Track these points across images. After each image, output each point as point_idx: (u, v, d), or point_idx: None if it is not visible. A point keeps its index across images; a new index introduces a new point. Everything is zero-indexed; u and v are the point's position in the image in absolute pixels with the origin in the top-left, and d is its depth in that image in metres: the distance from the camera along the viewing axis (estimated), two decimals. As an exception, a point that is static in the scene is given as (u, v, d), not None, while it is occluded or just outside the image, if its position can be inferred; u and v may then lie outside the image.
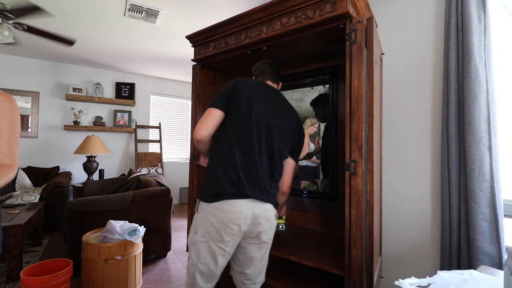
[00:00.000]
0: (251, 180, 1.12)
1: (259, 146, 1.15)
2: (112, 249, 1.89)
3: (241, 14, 1.39)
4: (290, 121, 1.25)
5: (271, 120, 1.18)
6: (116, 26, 2.82)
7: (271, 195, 1.18)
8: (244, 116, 1.16)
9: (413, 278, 0.83)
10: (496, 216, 1.24)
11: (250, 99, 1.18)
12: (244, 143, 1.14)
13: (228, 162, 1.13)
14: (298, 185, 1.84)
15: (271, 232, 1.21)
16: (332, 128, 1.67)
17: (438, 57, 1.56)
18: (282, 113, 1.23)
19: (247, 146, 1.14)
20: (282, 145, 1.20)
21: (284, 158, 1.25)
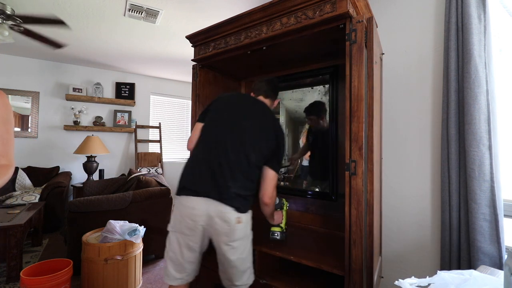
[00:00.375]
0: (208, 179, 1.18)
1: (223, 148, 1.21)
2: (112, 249, 1.89)
3: (241, 14, 1.39)
4: (265, 130, 1.26)
5: (239, 126, 1.24)
6: (116, 26, 2.82)
7: (233, 197, 1.16)
8: (212, 120, 1.29)
9: (413, 278, 0.83)
10: (496, 216, 1.24)
11: (221, 107, 1.32)
12: (208, 143, 1.25)
13: (192, 161, 1.25)
14: (298, 185, 1.84)
15: (235, 235, 1.16)
16: (332, 128, 1.67)
17: (438, 57, 1.56)
18: (255, 121, 1.27)
19: (210, 146, 1.23)
20: (252, 151, 1.21)
21: (258, 164, 1.24)
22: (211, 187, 1.17)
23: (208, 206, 1.16)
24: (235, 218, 1.16)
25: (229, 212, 1.15)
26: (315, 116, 1.78)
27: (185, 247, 1.21)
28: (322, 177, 1.74)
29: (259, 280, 1.37)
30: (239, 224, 1.17)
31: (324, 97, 1.73)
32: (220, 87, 1.89)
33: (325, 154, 1.69)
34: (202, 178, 1.19)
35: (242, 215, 1.18)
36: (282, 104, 1.94)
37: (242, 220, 1.18)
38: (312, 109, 1.79)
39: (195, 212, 1.17)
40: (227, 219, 1.15)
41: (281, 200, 1.54)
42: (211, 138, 1.26)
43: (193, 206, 1.17)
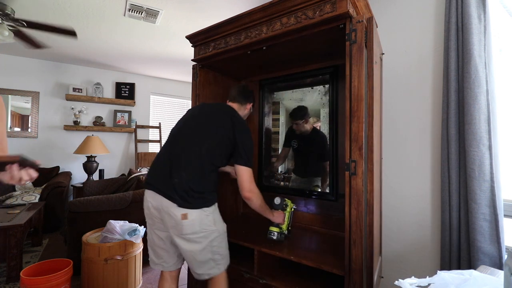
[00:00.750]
0: (160, 174, 1.29)
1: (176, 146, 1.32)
2: (112, 249, 1.89)
3: (241, 14, 1.39)
4: (221, 131, 1.33)
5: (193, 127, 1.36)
6: (116, 26, 2.82)
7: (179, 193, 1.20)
8: (175, 125, 1.44)
9: (413, 278, 0.83)
10: (496, 216, 1.24)
11: (186, 115, 1.46)
12: (166, 143, 1.38)
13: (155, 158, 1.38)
14: (298, 185, 1.84)
15: (183, 230, 1.20)
16: (332, 128, 1.67)
17: (438, 57, 1.56)
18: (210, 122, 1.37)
19: (166, 146, 1.37)
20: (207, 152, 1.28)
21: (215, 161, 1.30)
22: (160, 182, 1.27)
23: (157, 200, 1.26)
24: (180, 214, 1.20)
25: (172, 207, 1.21)
26: (301, 120, 1.81)
27: (154, 234, 1.34)
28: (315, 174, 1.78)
29: (259, 280, 1.37)
30: (185, 220, 1.20)
31: (324, 97, 1.73)
32: (220, 87, 1.89)
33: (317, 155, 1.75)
34: (156, 173, 1.32)
35: (190, 211, 1.21)
36: (282, 104, 1.94)
37: (189, 217, 1.20)
38: (298, 114, 1.83)
39: (148, 204, 1.30)
40: (172, 214, 1.21)
41: (283, 200, 1.53)
42: (169, 139, 1.39)
43: (147, 199, 1.31)
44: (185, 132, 1.37)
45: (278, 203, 1.52)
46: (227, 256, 1.35)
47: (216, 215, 1.31)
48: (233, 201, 2.01)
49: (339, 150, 1.64)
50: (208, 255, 1.26)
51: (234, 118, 1.38)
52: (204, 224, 1.24)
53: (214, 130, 1.34)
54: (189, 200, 1.21)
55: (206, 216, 1.25)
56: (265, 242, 1.43)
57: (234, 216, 1.99)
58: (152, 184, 1.29)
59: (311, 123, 1.79)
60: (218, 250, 1.29)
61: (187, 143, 1.32)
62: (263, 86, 1.99)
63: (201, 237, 1.24)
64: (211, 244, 1.26)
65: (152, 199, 1.28)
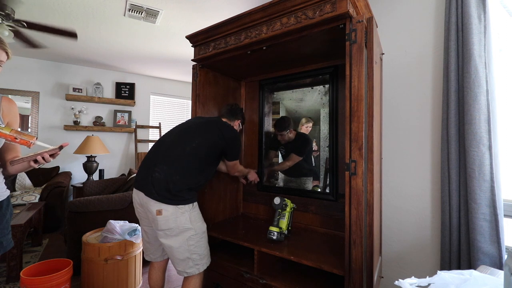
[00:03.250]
0: (144, 172, 1.37)
1: (164, 148, 1.40)
2: (112, 249, 1.89)
3: (241, 14, 1.39)
4: (208, 135, 1.44)
5: (182, 131, 1.46)
6: (116, 26, 2.82)
7: (157, 188, 1.27)
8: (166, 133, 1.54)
9: (413, 278, 0.83)
10: (496, 216, 1.24)
11: (176, 126, 1.55)
12: (154, 147, 1.47)
13: (142, 160, 1.46)
14: (298, 185, 1.84)
15: (158, 226, 1.28)
16: (332, 128, 1.68)
17: (438, 57, 1.56)
18: (199, 129, 1.47)
19: (154, 148, 1.45)
20: (192, 151, 1.37)
21: (200, 164, 1.39)
22: (142, 179, 1.35)
23: (140, 197, 1.34)
24: (155, 210, 1.27)
25: (149, 202, 1.29)
26: (285, 131, 1.86)
27: (142, 229, 1.47)
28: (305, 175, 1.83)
29: (259, 280, 1.37)
30: (159, 216, 1.27)
31: (324, 97, 1.73)
32: (220, 87, 1.89)
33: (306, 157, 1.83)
34: (140, 171, 1.41)
35: (165, 207, 1.27)
36: (282, 104, 1.94)
37: (163, 213, 1.27)
38: (283, 125, 1.88)
39: (134, 201, 1.41)
40: (150, 210, 1.30)
41: (283, 200, 1.53)
42: (157, 142, 1.50)
43: (134, 197, 1.41)
44: (173, 135, 1.47)
45: (277, 203, 1.52)
46: (207, 257, 1.39)
47: (193, 213, 1.35)
48: (233, 201, 2.01)
49: (339, 150, 1.64)
50: (186, 253, 1.30)
51: (220, 123, 1.51)
52: (179, 221, 1.29)
53: (202, 133, 1.44)
54: (165, 195, 1.27)
55: (181, 213, 1.30)
56: (265, 242, 1.43)
57: (234, 216, 1.99)
58: (137, 181, 1.39)
59: (305, 126, 1.82)
60: (195, 249, 1.32)
61: (173, 143, 1.41)
62: (263, 86, 1.99)
63: (177, 234, 1.29)
64: (188, 243, 1.30)
65: (137, 196, 1.37)
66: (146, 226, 1.44)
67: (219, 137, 1.44)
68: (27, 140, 1.06)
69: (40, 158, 1.10)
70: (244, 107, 2.10)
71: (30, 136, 1.08)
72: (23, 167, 1.17)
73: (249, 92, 2.08)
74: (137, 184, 1.38)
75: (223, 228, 1.71)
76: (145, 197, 1.30)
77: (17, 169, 1.18)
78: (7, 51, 1.13)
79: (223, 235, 1.56)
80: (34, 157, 1.10)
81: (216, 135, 1.45)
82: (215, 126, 1.49)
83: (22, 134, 1.06)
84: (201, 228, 1.38)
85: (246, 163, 2.06)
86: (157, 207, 1.27)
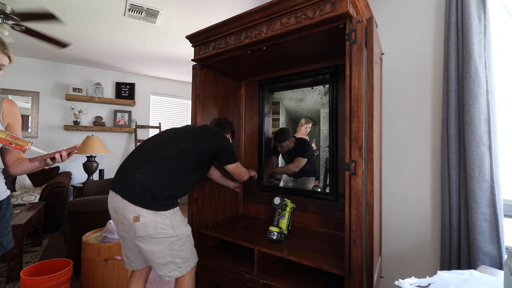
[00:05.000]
0: (123, 174, 1.29)
1: (147, 150, 1.34)
2: (112, 249, 1.89)
3: (241, 14, 1.39)
4: (196, 140, 1.41)
5: (169, 137, 1.40)
6: (116, 26, 2.82)
7: (138, 191, 1.21)
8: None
9: (413, 278, 0.83)
10: (496, 216, 1.24)
11: (161, 132, 1.49)
12: (135, 150, 1.40)
13: (121, 163, 1.38)
14: (298, 185, 1.84)
15: (136, 233, 1.20)
16: (332, 128, 1.67)
17: (438, 57, 1.56)
18: (188, 134, 1.44)
19: (135, 151, 1.38)
20: (178, 154, 1.32)
21: (186, 168, 1.34)
22: (121, 181, 1.27)
23: (114, 201, 1.26)
24: (132, 217, 1.19)
25: (127, 207, 1.20)
26: (285, 142, 1.87)
27: (119, 235, 1.38)
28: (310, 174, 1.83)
29: (259, 280, 1.37)
30: (137, 223, 1.19)
31: (324, 97, 1.73)
32: (220, 87, 1.89)
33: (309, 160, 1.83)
34: (119, 173, 1.33)
35: (143, 212, 1.19)
36: (282, 104, 1.94)
37: (141, 219, 1.19)
38: (282, 137, 1.89)
39: (109, 205, 1.31)
40: (126, 216, 1.20)
41: (283, 200, 1.53)
42: (139, 145, 1.42)
43: (108, 200, 1.32)
44: (158, 139, 1.41)
45: (277, 203, 1.52)
46: (191, 259, 1.35)
47: (175, 219, 1.29)
48: (233, 201, 2.01)
49: (339, 150, 1.64)
50: (168, 258, 1.25)
51: (210, 130, 1.50)
52: (159, 228, 1.22)
53: (190, 138, 1.40)
54: (145, 199, 1.20)
55: (161, 219, 1.23)
56: (265, 242, 1.43)
57: (234, 216, 1.99)
58: (114, 184, 1.29)
59: (305, 126, 1.83)
60: (178, 253, 1.28)
61: (159, 146, 1.34)
62: (263, 86, 1.99)
63: (158, 240, 1.23)
64: (170, 248, 1.25)
65: (111, 200, 1.28)
66: (123, 232, 1.32)
67: (208, 143, 1.41)
68: (22, 145, 1.07)
69: (58, 156, 1.11)
70: (244, 107, 2.10)
71: (25, 141, 1.08)
72: (32, 167, 1.17)
73: (249, 92, 2.08)
74: (114, 187, 1.27)
75: (223, 228, 1.71)
76: (121, 201, 1.21)
77: (25, 169, 1.18)
78: (9, 55, 1.14)
79: (223, 235, 1.56)
80: (52, 155, 1.11)
81: (205, 140, 1.42)
82: (205, 132, 1.47)
83: (17, 139, 1.06)
84: (184, 232, 1.32)
85: (246, 163, 2.06)
86: (134, 213, 1.19)
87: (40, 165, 1.16)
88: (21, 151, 1.08)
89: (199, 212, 1.70)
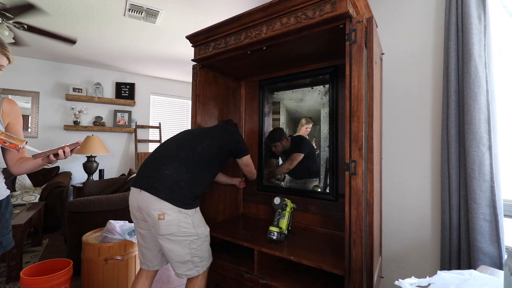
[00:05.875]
0: (149, 170, 1.31)
1: (173, 148, 1.37)
2: (112, 249, 1.89)
3: (241, 14, 1.39)
4: (215, 137, 1.46)
5: (191, 136, 1.45)
6: (116, 26, 2.82)
7: (168, 186, 1.23)
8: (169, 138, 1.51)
9: (413, 278, 0.83)
10: (496, 216, 1.24)
11: (179, 133, 1.52)
12: (159, 148, 1.43)
13: (145, 159, 1.40)
14: (298, 185, 1.84)
15: (159, 231, 1.22)
16: (332, 128, 1.67)
17: (438, 57, 1.56)
18: (207, 132, 1.50)
19: (160, 149, 1.42)
20: (202, 151, 1.37)
21: (209, 164, 1.39)
22: (147, 177, 1.29)
23: (138, 199, 1.26)
24: (157, 215, 1.20)
25: (152, 204, 1.21)
26: (279, 142, 1.88)
27: (138, 233, 1.37)
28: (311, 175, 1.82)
29: (259, 280, 1.37)
30: (161, 221, 1.21)
31: (324, 97, 1.73)
32: (220, 87, 1.89)
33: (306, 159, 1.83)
34: (144, 169, 1.34)
35: (170, 209, 1.21)
36: (282, 104, 1.94)
37: (166, 217, 1.21)
38: (275, 136, 1.90)
39: (131, 203, 1.32)
40: (150, 214, 1.22)
41: (283, 200, 1.53)
42: (163, 143, 1.45)
43: (131, 198, 1.32)
44: (181, 138, 1.46)
45: (277, 203, 1.52)
46: (208, 258, 1.37)
47: (196, 218, 1.31)
48: (233, 201, 2.01)
49: (339, 150, 1.64)
50: (187, 256, 1.28)
51: (224, 126, 1.58)
52: (181, 227, 1.25)
53: (210, 136, 1.46)
54: (173, 193, 1.23)
55: (184, 218, 1.26)
56: (265, 242, 1.43)
57: (234, 216, 1.99)
58: (138, 180, 1.31)
59: (305, 126, 1.83)
60: (197, 253, 1.30)
61: (183, 145, 1.39)
62: (263, 86, 1.99)
63: (179, 239, 1.25)
64: (190, 247, 1.28)
65: (135, 197, 1.29)
66: (143, 230, 1.34)
67: (228, 138, 1.49)
68: (16, 144, 1.06)
69: (61, 152, 1.11)
70: (244, 107, 2.10)
71: (20, 140, 1.08)
72: (34, 165, 1.17)
73: (249, 92, 2.08)
74: (137, 183, 1.29)
75: (223, 228, 1.71)
76: (147, 197, 1.22)
77: (27, 168, 1.18)
78: (8, 56, 1.14)
79: (223, 235, 1.56)
80: (55, 151, 1.10)
81: (224, 136, 1.50)
82: (221, 130, 1.55)
83: (12, 138, 1.06)
84: (204, 232, 1.35)
85: (246, 163, 2.06)
86: (159, 210, 1.20)
87: (43, 163, 1.16)
88: (15, 150, 1.07)
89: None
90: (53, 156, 1.12)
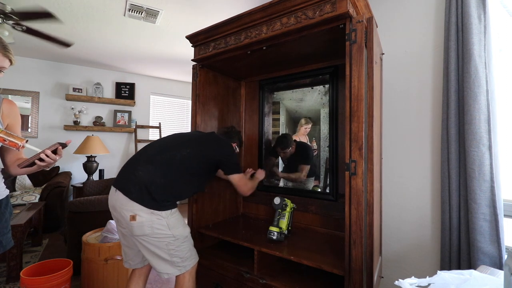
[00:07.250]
0: (126, 171, 1.31)
1: (153, 151, 1.36)
2: (112, 249, 1.89)
3: (241, 14, 1.39)
4: (203, 147, 1.42)
5: (176, 141, 1.43)
6: (116, 26, 2.82)
7: (138, 188, 1.22)
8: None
9: (413, 278, 0.83)
10: (496, 216, 1.24)
11: (170, 135, 1.50)
12: (141, 150, 1.41)
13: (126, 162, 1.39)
14: (298, 185, 1.84)
15: (132, 230, 1.21)
16: (332, 128, 1.67)
17: (438, 57, 1.56)
18: (195, 140, 1.46)
19: (141, 151, 1.40)
20: (182, 159, 1.33)
21: (189, 174, 1.35)
22: (123, 178, 1.29)
23: (113, 198, 1.27)
24: (129, 215, 1.20)
25: (124, 204, 1.21)
26: (289, 149, 1.87)
27: (119, 232, 1.37)
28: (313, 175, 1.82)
29: (259, 280, 1.37)
30: (133, 222, 1.20)
31: (324, 97, 1.73)
32: (220, 87, 1.89)
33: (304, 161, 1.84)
34: (122, 170, 1.34)
35: (140, 210, 1.20)
36: (282, 104, 1.94)
37: (137, 218, 1.20)
38: (285, 143, 1.88)
39: (109, 202, 1.32)
40: (123, 214, 1.22)
41: (283, 200, 1.53)
42: (146, 146, 1.43)
43: (109, 197, 1.33)
44: (168, 141, 1.43)
45: (277, 203, 1.52)
46: (190, 258, 1.34)
47: (172, 220, 1.28)
48: (233, 201, 2.01)
49: (339, 150, 1.64)
50: (166, 256, 1.26)
51: (217, 138, 1.50)
52: (155, 228, 1.23)
53: (196, 144, 1.41)
54: (143, 196, 1.22)
55: (157, 219, 1.24)
56: (265, 242, 1.43)
57: (234, 216, 1.99)
58: (116, 179, 1.32)
59: (304, 127, 1.83)
60: (176, 253, 1.28)
61: (164, 148, 1.37)
62: (263, 86, 1.99)
63: (154, 240, 1.23)
64: (168, 248, 1.26)
65: (111, 197, 1.30)
66: (123, 229, 1.32)
67: (213, 150, 1.42)
68: (16, 142, 1.04)
69: (44, 156, 1.07)
70: (244, 107, 2.10)
71: (20, 138, 1.06)
72: (31, 169, 1.15)
73: (249, 92, 2.08)
74: (115, 183, 1.30)
75: (223, 228, 1.71)
76: (121, 198, 1.22)
77: (24, 171, 1.17)
78: (10, 58, 1.12)
79: (223, 235, 1.56)
80: (37, 156, 1.08)
81: (211, 148, 1.42)
82: (211, 140, 1.47)
83: (12, 136, 1.04)
84: (182, 233, 1.31)
85: (246, 163, 2.06)
86: (131, 211, 1.20)
87: (38, 167, 1.14)
88: (15, 149, 1.06)
89: (199, 212, 1.70)
90: (38, 161, 1.09)
